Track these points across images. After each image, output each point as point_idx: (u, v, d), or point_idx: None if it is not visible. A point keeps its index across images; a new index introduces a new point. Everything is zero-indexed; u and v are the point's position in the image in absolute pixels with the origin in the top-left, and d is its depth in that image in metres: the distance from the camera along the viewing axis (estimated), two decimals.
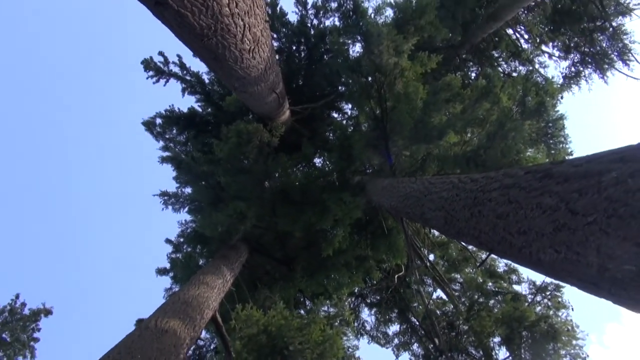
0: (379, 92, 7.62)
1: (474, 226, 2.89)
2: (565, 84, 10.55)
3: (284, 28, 10.93)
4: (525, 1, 9.51)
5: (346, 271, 8.70)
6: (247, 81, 4.83)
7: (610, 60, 9.57)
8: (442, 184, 3.83)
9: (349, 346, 5.81)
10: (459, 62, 11.81)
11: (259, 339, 5.19)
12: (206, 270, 6.17)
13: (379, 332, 10.84)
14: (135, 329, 4.23)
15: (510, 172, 2.63)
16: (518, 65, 11.99)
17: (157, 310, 4.82)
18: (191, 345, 4.58)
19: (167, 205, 9.45)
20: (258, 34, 3.91)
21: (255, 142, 7.76)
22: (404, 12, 7.94)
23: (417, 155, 7.89)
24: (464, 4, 10.51)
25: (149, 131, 11.01)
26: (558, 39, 10.54)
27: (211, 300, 5.39)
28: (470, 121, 7.58)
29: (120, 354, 3.64)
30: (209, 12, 2.85)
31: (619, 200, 1.57)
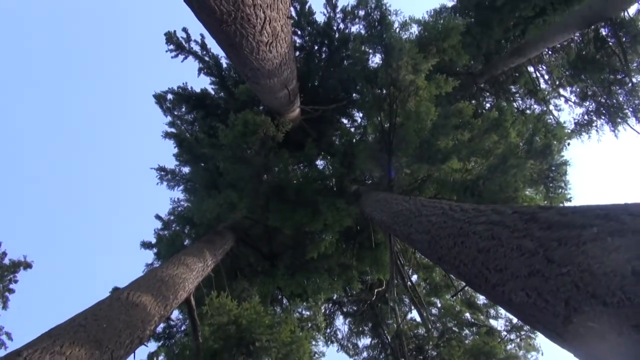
0: (391, 106, 7.63)
1: (455, 255, 2.89)
2: (575, 130, 10.54)
3: (309, 26, 10.93)
4: (551, 42, 9.52)
5: (328, 277, 8.69)
6: (261, 73, 4.84)
7: (624, 115, 9.56)
8: (433, 208, 3.83)
9: (316, 351, 5.81)
10: (476, 90, 11.81)
11: (228, 329, 5.19)
12: (188, 252, 6.16)
13: (349, 342, 10.83)
14: (106, 298, 4.23)
15: (499, 209, 2.63)
16: (533, 103, 12.00)
17: (132, 282, 4.82)
18: (159, 323, 4.58)
19: (163, 181, 9.46)
20: (278, 29, 3.91)
21: (260, 134, 7.77)
22: (429, 31, 7.95)
23: (418, 175, 7.89)
24: (491, 35, 10.53)
25: (159, 105, 11.03)
26: (577, 84, 10.53)
27: (188, 282, 5.38)
28: (475, 150, 7.58)
29: (86, 319, 3.64)
30: (229, 1, 2.86)
31: (595, 256, 1.57)
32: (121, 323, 3.82)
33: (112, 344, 3.56)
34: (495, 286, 2.32)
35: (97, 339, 3.45)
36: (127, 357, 3.86)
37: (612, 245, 1.53)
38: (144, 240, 9.40)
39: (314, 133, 10.93)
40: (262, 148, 7.89)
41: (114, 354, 3.53)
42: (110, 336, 3.58)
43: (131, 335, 3.85)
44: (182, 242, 8.75)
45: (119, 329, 3.73)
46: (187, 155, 8.98)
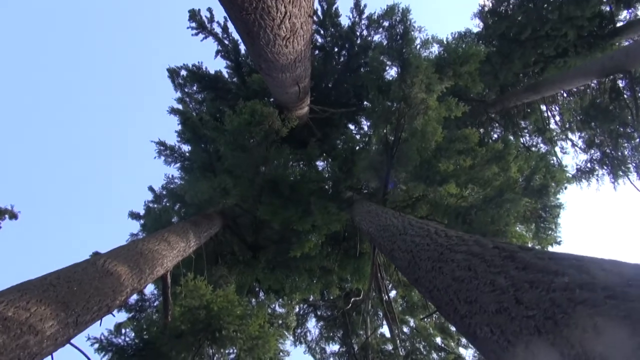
0: (398, 121, 7.62)
1: (431, 279, 2.89)
2: (576, 175, 10.56)
3: (332, 28, 10.95)
4: (568, 84, 9.53)
5: (307, 277, 8.70)
6: (274, 66, 4.84)
7: (627, 169, 9.58)
8: (419, 228, 3.83)
9: (282, 350, 5.80)
10: (486, 119, 11.83)
11: (198, 313, 5.18)
12: (173, 230, 6.16)
13: (318, 345, 10.82)
14: (83, 262, 4.23)
15: (481, 242, 2.64)
16: (540, 142, 12.02)
17: (111, 250, 4.81)
18: (131, 294, 4.58)
19: (161, 155, 9.44)
20: (297, 25, 3.92)
21: (266, 125, 7.76)
22: (449, 53, 7.94)
23: (413, 192, 7.89)
24: (510, 67, 10.54)
25: (171, 79, 11.05)
26: (586, 131, 10.56)
27: (167, 259, 5.38)
28: (474, 179, 7.58)
29: (58, 279, 3.63)
30: None
31: (561, 305, 1.58)
32: (92, 289, 3.82)
33: (79, 308, 3.55)
34: (463, 317, 2.33)
35: (65, 300, 3.45)
36: (92, 323, 3.86)
37: (580, 297, 1.53)
38: (132, 210, 9.42)
39: (319, 133, 10.94)
40: (265, 140, 7.89)
41: (79, 318, 3.53)
42: (78, 300, 3.57)
43: (100, 303, 3.85)
44: (169, 218, 8.74)
45: (89, 295, 3.73)
46: (190, 134, 8.96)
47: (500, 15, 10.43)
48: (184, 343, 4.96)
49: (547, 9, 9.65)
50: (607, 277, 1.58)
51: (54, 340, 3.25)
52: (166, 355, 4.89)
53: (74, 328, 3.50)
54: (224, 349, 5.31)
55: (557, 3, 9.54)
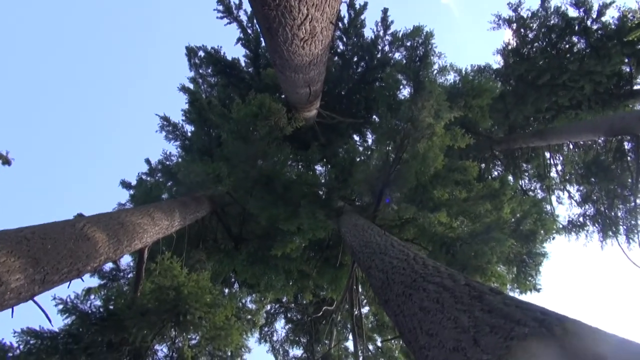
0: (402, 141, 7.63)
1: (399, 304, 2.89)
2: (566, 228, 10.58)
3: (355, 37, 10.97)
4: (575, 137, 9.56)
5: (284, 278, 8.68)
6: (288, 65, 4.84)
7: (617, 230, 9.61)
8: (400, 251, 3.83)
9: (243, 345, 5.78)
10: (489, 155, 11.85)
11: (167, 293, 5.16)
12: (159, 206, 6.14)
13: (282, 347, 10.80)
14: (62, 221, 4.21)
15: (455, 276, 2.64)
16: (538, 187, 12.06)
17: (93, 215, 4.80)
18: (104, 263, 4.56)
19: (163, 131, 9.44)
20: (317, 29, 3.92)
21: (272, 121, 7.77)
22: (464, 84, 7.97)
23: (403, 214, 7.89)
24: (522, 109, 10.58)
25: (188, 58, 11.05)
26: (584, 185, 10.59)
27: (147, 235, 5.36)
28: (466, 212, 7.59)
29: (33, 235, 3.61)
30: None
31: (515, 356, 1.58)
32: (66, 250, 3.80)
33: (49, 266, 3.54)
34: (421, 348, 2.32)
35: (37, 257, 3.43)
36: (59, 284, 3.84)
37: (535, 351, 1.53)
38: (125, 179, 9.39)
39: (322, 138, 10.95)
40: (268, 135, 7.89)
41: (47, 276, 3.51)
42: (50, 259, 3.56)
43: (71, 265, 3.83)
44: (159, 194, 8.72)
45: (62, 255, 3.71)
46: (195, 115, 8.96)
47: (522, 57, 10.47)
48: (147, 321, 4.94)
49: (569, 58, 9.69)
50: (565, 335, 1.58)
51: (17, 294, 3.24)
52: (127, 329, 4.87)
53: (40, 285, 3.48)
54: (187, 333, 5.29)
55: (580, 55, 9.59)
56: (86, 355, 4.80)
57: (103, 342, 4.93)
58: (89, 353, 4.84)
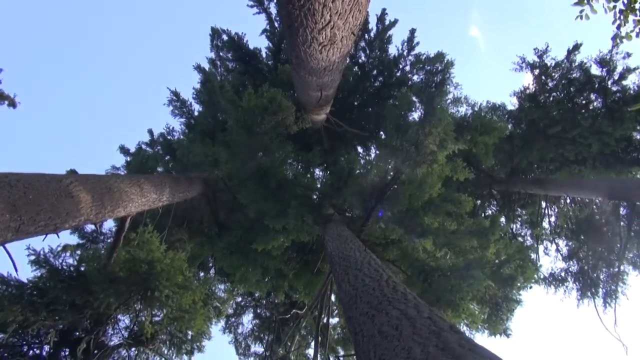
0: (403, 162, 7.65)
1: (361, 323, 2.88)
2: (547, 279, 10.57)
3: (379, 51, 11.00)
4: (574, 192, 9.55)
5: (260, 274, 8.66)
6: (303, 65, 4.85)
7: (596, 292, 9.60)
8: (375, 271, 3.83)
9: (204, 331, 5.76)
10: (487, 193, 11.86)
11: (140, 266, 5.15)
12: (151, 179, 6.13)
13: (245, 341, 10.78)
14: (49, 174, 4.19)
15: (419, 307, 2.64)
16: (528, 234, 12.06)
17: (82, 175, 4.79)
18: (83, 224, 4.55)
19: (170, 105, 9.44)
20: (338, 37, 3.93)
21: (279, 117, 7.78)
22: (474, 118, 7.98)
23: (389, 235, 7.88)
24: (527, 155, 10.59)
25: (211, 39, 11.06)
26: (573, 241, 10.60)
27: (132, 204, 5.35)
28: (451, 244, 7.59)
29: (17, 182, 3.61)
30: None
31: None
32: (47, 204, 3.79)
33: (26, 216, 3.53)
34: None
35: (16, 205, 3.43)
36: (34, 235, 3.83)
37: None
38: (124, 145, 9.38)
39: (326, 144, 10.96)
40: (273, 130, 7.90)
41: (22, 226, 3.50)
42: (29, 209, 3.55)
43: (49, 220, 3.82)
44: (155, 166, 8.73)
45: (42, 208, 3.71)
46: (205, 96, 8.97)
47: (538, 103, 10.49)
48: (115, 289, 4.93)
49: (583, 114, 9.72)
50: None
51: None
52: (94, 293, 4.85)
53: (14, 233, 3.47)
54: (152, 309, 5.27)
55: (594, 113, 9.62)
56: (48, 310, 4.79)
57: (67, 301, 4.91)
58: (51, 309, 4.83)
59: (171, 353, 5.64)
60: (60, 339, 5.00)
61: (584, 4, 4.11)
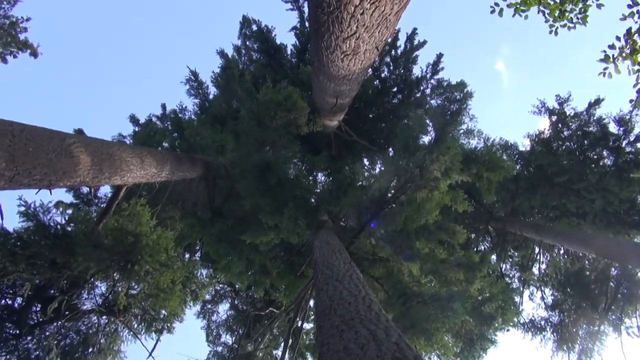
0: (405, 183, 7.64)
1: (329, 336, 2.87)
2: (525, 325, 10.53)
3: (403, 69, 11.03)
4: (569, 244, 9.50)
5: (244, 266, 8.65)
6: (323, 70, 4.87)
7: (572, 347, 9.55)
8: (354, 286, 3.82)
9: (177, 313, 5.76)
10: (482, 228, 11.83)
11: (126, 237, 5.16)
12: (154, 153, 6.13)
13: (217, 329, 10.77)
14: (54, 131, 4.21)
15: (389, 331, 2.62)
16: (516, 276, 12.01)
17: (86, 137, 4.81)
18: (78, 185, 4.57)
19: (187, 84, 9.47)
20: (361, 49, 3.94)
21: (291, 116, 7.79)
22: (484, 153, 7.95)
23: (378, 252, 7.87)
24: (529, 197, 10.58)
25: (241, 27, 11.11)
26: (559, 293, 10.56)
27: (130, 175, 5.35)
28: (438, 273, 7.56)
29: (21, 132, 3.62)
30: None
31: None
32: (45, 159, 3.81)
33: (22, 168, 3.54)
34: None
35: (15, 154, 3.44)
36: (27, 188, 3.85)
37: None
38: (134, 114, 9.40)
39: (334, 150, 10.96)
40: (283, 127, 7.90)
41: (17, 176, 3.51)
42: (26, 161, 3.56)
43: (44, 175, 3.83)
44: (161, 141, 8.74)
45: (39, 162, 3.72)
46: (223, 82, 8.99)
47: (550, 150, 10.48)
48: (97, 255, 4.93)
49: (592, 169, 9.70)
50: None
51: None
52: (75, 255, 4.86)
53: (7, 182, 3.48)
54: (129, 282, 5.28)
55: (603, 170, 9.59)
56: (27, 263, 4.80)
57: (48, 258, 4.93)
58: (31, 263, 4.84)
59: (140, 328, 5.65)
60: (34, 293, 5.01)
61: (609, 62, 4.11)
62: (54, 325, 5.23)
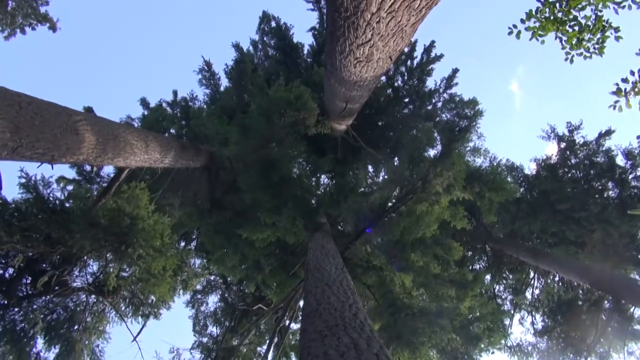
0: (406, 194, 7.63)
1: (311, 340, 2.87)
2: (512, 348, 10.48)
3: (417, 81, 11.02)
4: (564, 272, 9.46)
5: (237, 260, 8.65)
6: (335, 74, 4.87)
7: None
8: (343, 293, 3.81)
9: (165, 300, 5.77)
10: (480, 247, 11.79)
11: (123, 218, 5.17)
12: (159, 139, 6.15)
13: (205, 320, 10.79)
14: (62, 106, 4.22)
15: (371, 341, 2.61)
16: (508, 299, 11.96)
17: (93, 115, 4.83)
18: (80, 163, 4.60)
19: (200, 74, 9.49)
20: (374, 57, 3.94)
21: (300, 115, 7.79)
22: (488, 173, 7.93)
23: (372, 260, 7.85)
24: (530, 222, 10.54)
25: (260, 22, 11.13)
26: (550, 320, 10.50)
27: (133, 158, 5.36)
28: (429, 287, 7.56)
29: (29, 105, 3.63)
30: (353, 2, 2.88)
31: None
32: (50, 134, 3.82)
33: (26, 140, 3.56)
34: None
35: (20, 126, 3.45)
36: (28, 160, 3.87)
37: None
38: (145, 97, 9.42)
39: (340, 154, 10.94)
40: (291, 126, 7.91)
41: (19, 148, 3.53)
42: (31, 133, 3.58)
43: (47, 150, 3.85)
44: (168, 127, 8.77)
45: (43, 136, 3.73)
46: (236, 75, 9.01)
47: (555, 176, 10.44)
48: (92, 233, 4.95)
49: (595, 199, 9.66)
50: None
51: None
52: (71, 232, 4.88)
53: (9, 153, 3.50)
54: (121, 264, 5.29)
55: (606, 201, 9.55)
56: (22, 235, 4.82)
57: (43, 232, 4.94)
58: (26, 235, 4.86)
59: (128, 311, 5.66)
60: (26, 265, 5.03)
61: (620, 96, 4.09)
62: (42, 299, 5.25)
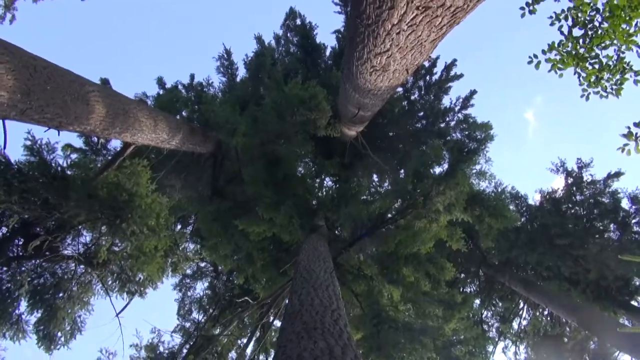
0: (406, 208, 7.61)
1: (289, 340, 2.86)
2: None
3: (433, 96, 11.01)
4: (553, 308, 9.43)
5: (230, 250, 8.66)
6: (351, 80, 4.87)
7: None
8: (327, 297, 3.81)
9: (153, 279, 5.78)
10: (473, 271, 11.75)
11: (121, 192, 5.19)
12: (169, 119, 6.17)
13: (191, 305, 10.81)
14: (76, 75, 4.24)
15: (347, 349, 2.61)
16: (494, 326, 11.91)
17: (106, 88, 4.85)
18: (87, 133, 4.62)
19: (219, 61, 9.52)
20: (391, 68, 3.94)
21: (312, 116, 7.79)
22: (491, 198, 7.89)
23: (364, 269, 7.85)
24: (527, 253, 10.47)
25: (285, 18, 11.17)
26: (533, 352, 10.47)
27: (140, 135, 5.39)
28: (417, 303, 7.54)
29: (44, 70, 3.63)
30: (375, 10, 2.89)
31: None
32: (61, 101, 3.85)
33: (36, 103, 3.58)
34: None
35: (32, 89, 3.47)
36: (36, 124, 3.89)
37: None
38: (162, 77, 9.45)
39: (347, 159, 10.95)
40: (302, 125, 7.90)
41: (29, 110, 3.56)
42: (41, 97, 3.60)
43: (56, 116, 3.87)
44: (181, 109, 8.78)
45: (54, 102, 3.76)
46: (254, 66, 9.02)
47: (558, 210, 10.39)
48: (89, 204, 4.97)
49: (595, 239, 9.60)
50: None
51: None
52: (68, 200, 4.90)
53: (18, 114, 3.52)
54: (114, 238, 5.31)
55: (606, 243, 9.49)
56: (20, 196, 4.84)
57: (41, 196, 4.97)
58: (24, 197, 4.88)
59: (114, 286, 5.68)
60: (20, 227, 5.06)
61: (630, 139, 4.06)
62: (31, 263, 5.28)
